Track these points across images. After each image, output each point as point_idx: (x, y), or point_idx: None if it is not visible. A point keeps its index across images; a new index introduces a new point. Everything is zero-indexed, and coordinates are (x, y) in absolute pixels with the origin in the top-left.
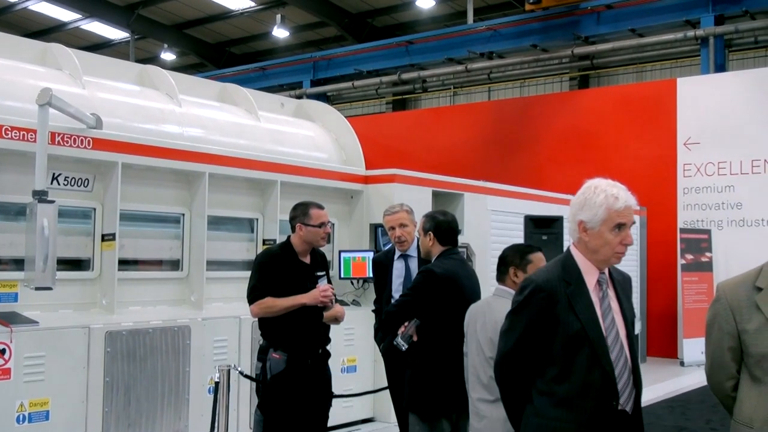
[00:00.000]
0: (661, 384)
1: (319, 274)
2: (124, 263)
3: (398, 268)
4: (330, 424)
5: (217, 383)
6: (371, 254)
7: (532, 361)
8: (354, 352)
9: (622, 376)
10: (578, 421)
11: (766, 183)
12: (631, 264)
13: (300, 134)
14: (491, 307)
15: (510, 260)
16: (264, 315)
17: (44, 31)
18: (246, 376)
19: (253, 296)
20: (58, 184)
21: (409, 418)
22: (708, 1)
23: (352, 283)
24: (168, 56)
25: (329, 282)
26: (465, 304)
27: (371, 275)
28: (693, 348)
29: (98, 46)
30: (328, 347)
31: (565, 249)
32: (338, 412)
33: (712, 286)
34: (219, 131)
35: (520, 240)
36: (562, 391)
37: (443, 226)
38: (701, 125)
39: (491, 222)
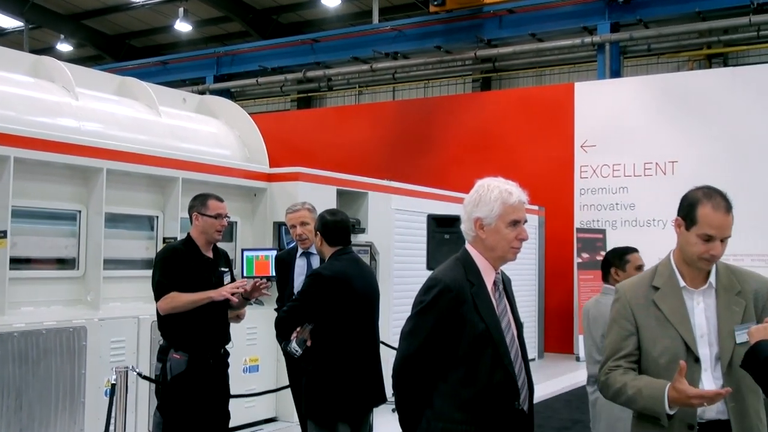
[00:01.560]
0: (558, 379)
1: (223, 270)
2: (17, 262)
3: (300, 266)
4: (232, 424)
5: (113, 385)
6: (275, 252)
7: (435, 363)
8: (256, 351)
9: (520, 376)
10: (482, 423)
11: (658, 184)
12: (529, 262)
13: (202, 131)
14: (599, 304)
15: (611, 261)
16: (171, 311)
17: None
18: (145, 378)
19: (159, 292)
20: None
21: (307, 424)
22: (604, 9)
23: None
24: (64, 47)
25: (233, 280)
26: (358, 304)
27: (275, 274)
28: None
29: None
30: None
31: None
32: (240, 412)
33: None
34: (118, 126)
35: (423, 239)
36: (466, 394)
37: (330, 226)
38: (597, 128)
39: (395, 221)
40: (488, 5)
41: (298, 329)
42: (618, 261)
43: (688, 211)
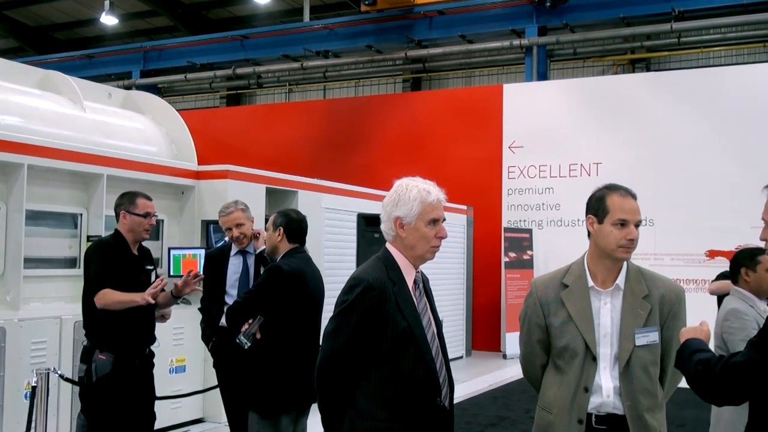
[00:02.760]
0: (485, 376)
1: (149, 267)
2: None
3: (235, 264)
4: (158, 425)
5: (34, 388)
6: (203, 251)
7: (358, 362)
8: (183, 351)
9: (441, 372)
10: (405, 419)
11: (583, 185)
12: (457, 261)
13: (128, 126)
14: (737, 313)
15: (741, 262)
16: (104, 306)
17: None
18: (67, 380)
19: (96, 285)
20: None
21: (249, 416)
22: (532, 12)
23: None
24: None
25: (157, 277)
26: (308, 302)
27: (203, 273)
28: (515, 341)
29: None
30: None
31: None
32: (167, 413)
33: None
34: (40, 120)
35: (353, 237)
36: (389, 391)
37: (294, 224)
38: (525, 130)
39: (325, 220)
40: (419, 6)
41: (248, 321)
42: (749, 262)
43: (597, 205)
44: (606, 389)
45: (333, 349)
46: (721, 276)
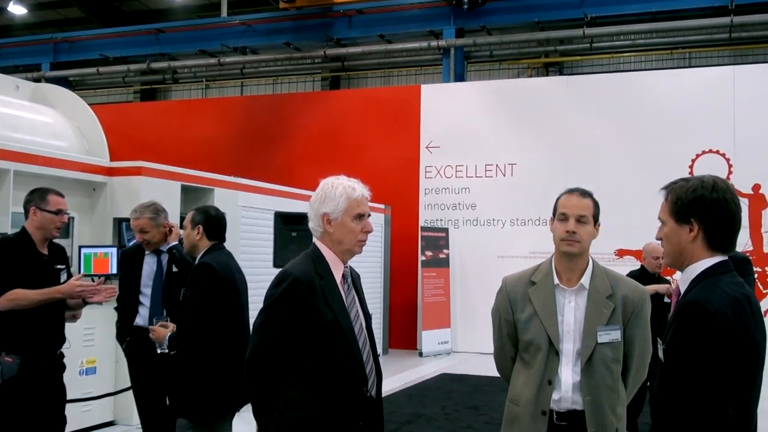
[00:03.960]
0: (401, 374)
1: (59, 267)
2: None
3: (149, 263)
4: (68, 429)
5: None
6: (115, 250)
7: (287, 354)
8: (94, 352)
9: (368, 363)
10: (332, 409)
11: (498, 185)
12: (375, 259)
13: (37, 120)
14: None
15: None
16: (12, 307)
17: None
18: None
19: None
20: None
21: (178, 422)
22: (450, 14)
23: (93, 280)
24: None
25: (70, 277)
26: (239, 299)
27: (115, 271)
28: (431, 339)
29: None
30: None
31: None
32: (77, 416)
33: (448, 281)
34: None
35: (270, 236)
36: (316, 381)
37: (214, 221)
38: (442, 130)
39: (242, 218)
40: (338, 5)
41: (159, 324)
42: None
43: (554, 207)
44: (565, 384)
45: (261, 342)
46: (630, 275)
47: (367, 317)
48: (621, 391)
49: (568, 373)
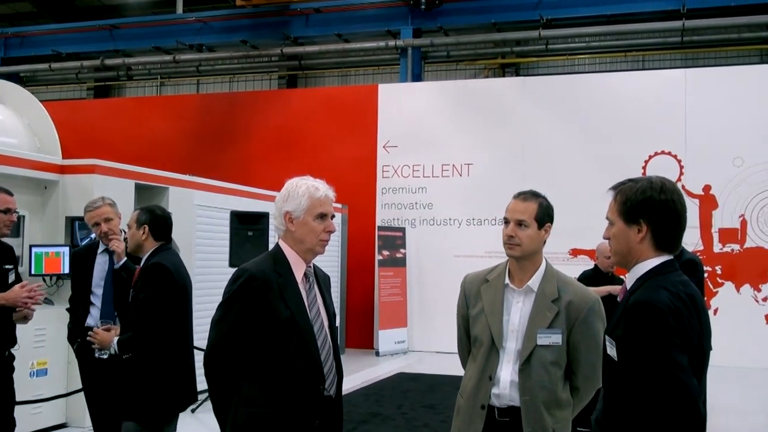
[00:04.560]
0: (358, 373)
1: (7, 267)
2: None
3: (101, 263)
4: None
5: None
6: (67, 249)
7: (242, 350)
8: (45, 354)
9: (327, 362)
10: (288, 407)
11: (454, 185)
12: (332, 259)
13: None
14: None
15: None
16: None
17: None
18: None
19: None
20: None
21: (123, 426)
22: (408, 14)
23: (44, 280)
24: None
25: (18, 277)
26: (187, 299)
27: (67, 271)
28: (387, 339)
29: None
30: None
31: (271, 245)
32: (27, 419)
33: (405, 281)
34: None
35: (226, 235)
36: (272, 379)
37: (160, 221)
38: (399, 129)
39: (197, 217)
40: (295, 3)
41: (102, 327)
42: None
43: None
44: (504, 381)
45: (218, 338)
46: (583, 275)
47: (331, 317)
48: (562, 394)
49: (508, 371)
